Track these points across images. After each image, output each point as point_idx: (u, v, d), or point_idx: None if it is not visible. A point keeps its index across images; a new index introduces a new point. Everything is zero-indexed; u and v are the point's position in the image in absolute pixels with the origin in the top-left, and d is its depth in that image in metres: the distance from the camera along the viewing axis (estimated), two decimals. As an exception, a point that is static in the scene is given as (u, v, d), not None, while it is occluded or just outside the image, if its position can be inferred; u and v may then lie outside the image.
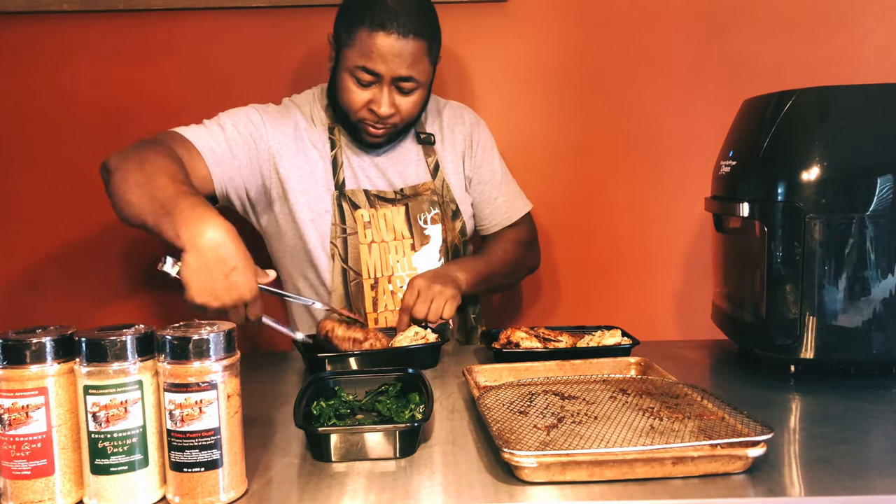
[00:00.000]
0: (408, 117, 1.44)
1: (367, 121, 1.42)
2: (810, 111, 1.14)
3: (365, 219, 1.46)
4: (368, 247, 1.46)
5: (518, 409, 0.96)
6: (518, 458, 0.77)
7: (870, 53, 1.79)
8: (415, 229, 1.49)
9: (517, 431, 0.87)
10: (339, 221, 1.45)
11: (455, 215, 1.54)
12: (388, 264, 1.48)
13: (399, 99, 1.40)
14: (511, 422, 0.91)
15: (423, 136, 1.54)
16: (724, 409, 0.90)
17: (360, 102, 1.40)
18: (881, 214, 1.08)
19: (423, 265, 1.50)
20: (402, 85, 1.39)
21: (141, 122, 1.82)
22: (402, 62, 1.35)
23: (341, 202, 1.46)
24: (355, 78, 1.38)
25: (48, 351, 0.75)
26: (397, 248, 1.48)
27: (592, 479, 0.78)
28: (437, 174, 1.53)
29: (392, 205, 1.48)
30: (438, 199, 1.51)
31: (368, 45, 1.34)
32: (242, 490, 0.78)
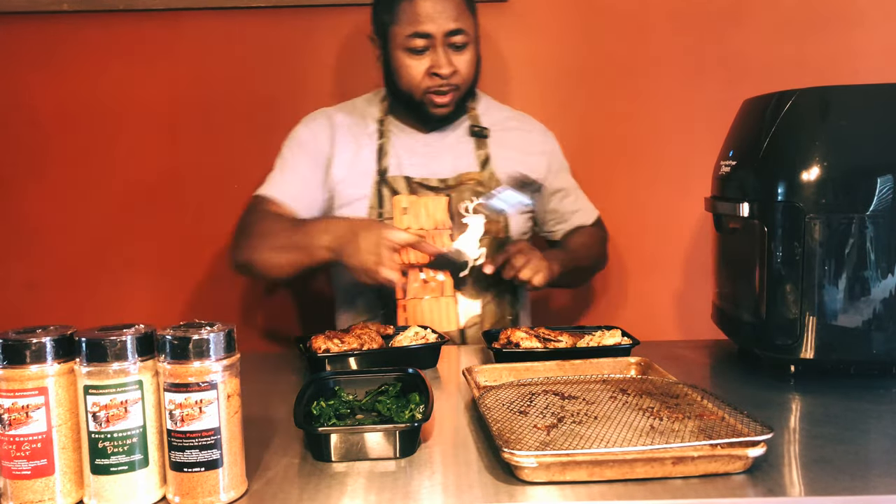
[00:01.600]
0: (467, 77, 1.48)
1: (431, 88, 1.46)
2: (810, 111, 1.14)
3: (403, 204, 1.48)
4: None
5: (518, 409, 0.96)
6: (518, 458, 0.77)
7: (870, 53, 1.79)
8: (455, 219, 1.50)
9: (517, 431, 0.87)
10: (376, 206, 1.49)
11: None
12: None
13: (455, 58, 1.45)
14: (511, 422, 0.91)
15: (476, 129, 1.56)
16: (724, 409, 0.90)
17: (421, 72, 1.45)
18: (881, 214, 1.08)
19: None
20: (454, 40, 1.43)
21: (141, 122, 1.82)
22: (448, 16, 1.41)
23: (381, 187, 1.49)
24: (409, 50, 1.44)
25: (48, 351, 0.75)
26: (435, 237, 1.49)
27: (592, 479, 0.78)
28: (486, 166, 1.54)
29: (435, 193, 1.50)
30: (484, 190, 1.52)
31: (413, 11, 1.41)
32: (242, 490, 0.78)
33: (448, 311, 1.50)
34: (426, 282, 1.49)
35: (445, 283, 1.49)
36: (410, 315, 1.49)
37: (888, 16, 1.78)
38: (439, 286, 1.49)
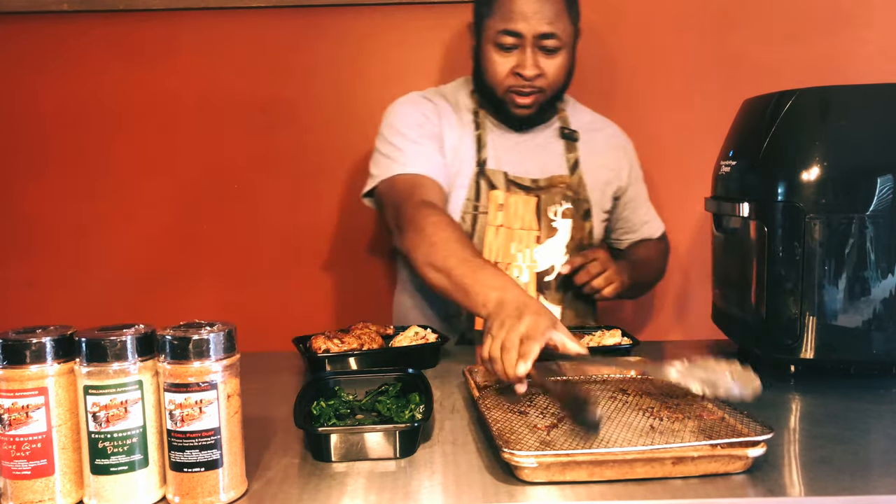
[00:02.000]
0: (554, 81, 1.44)
1: (513, 88, 1.42)
2: (810, 111, 1.14)
3: (499, 200, 1.46)
4: (496, 229, 1.46)
5: (518, 410, 0.96)
6: (518, 459, 0.77)
7: (870, 53, 1.79)
8: (543, 221, 1.47)
9: (517, 431, 0.87)
10: (473, 198, 1.46)
11: (586, 215, 1.52)
12: (509, 251, 1.46)
13: (544, 61, 1.41)
14: (511, 422, 0.91)
15: (567, 132, 1.54)
16: (724, 409, 0.90)
17: (506, 70, 1.41)
18: (881, 214, 1.08)
19: (545, 259, 1.48)
20: (546, 43, 1.39)
21: (141, 122, 1.82)
22: (542, 18, 1.37)
23: (479, 180, 1.46)
24: (498, 45, 1.40)
25: (48, 351, 0.75)
26: (522, 237, 1.46)
27: (593, 479, 0.78)
28: (575, 171, 1.52)
29: (526, 193, 1.47)
30: (573, 194, 1.50)
31: (508, 6, 1.37)
32: (242, 490, 0.78)
33: None
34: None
35: (529, 285, 1.47)
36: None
37: (888, 16, 1.78)
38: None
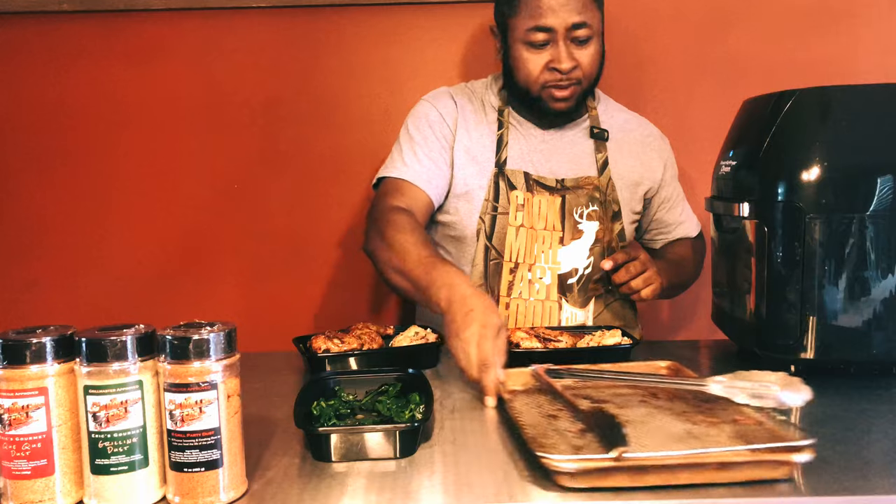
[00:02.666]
0: (589, 71, 1.43)
1: (549, 83, 1.41)
2: (810, 111, 1.14)
3: (519, 201, 1.45)
4: (517, 230, 1.45)
5: (549, 413, 0.94)
6: (558, 464, 0.75)
7: (870, 53, 1.79)
8: (567, 222, 1.46)
9: (551, 436, 0.85)
10: (492, 198, 1.45)
11: (615, 217, 1.50)
12: (532, 252, 1.45)
13: (577, 52, 1.40)
14: (543, 426, 0.89)
15: (596, 131, 1.51)
16: (760, 413, 0.88)
17: (540, 67, 1.40)
18: (881, 214, 1.08)
19: (568, 260, 1.46)
20: (577, 34, 1.38)
21: (141, 122, 1.82)
22: (571, 9, 1.36)
23: (498, 180, 1.45)
24: (529, 43, 1.39)
25: (48, 351, 0.75)
26: (545, 238, 1.45)
27: (634, 485, 0.76)
28: (604, 171, 1.49)
29: (550, 193, 1.46)
30: (601, 196, 1.48)
31: (535, 3, 1.37)
32: (242, 490, 0.78)
33: (551, 316, 1.47)
34: (532, 283, 1.46)
35: (551, 287, 1.46)
36: (512, 314, 1.46)
37: (888, 16, 1.78)
38: (545, 289, 1.46)
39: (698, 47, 1.81)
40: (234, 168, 1.83)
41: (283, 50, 1.80)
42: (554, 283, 1.46)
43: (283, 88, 1.82)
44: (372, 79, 1.82)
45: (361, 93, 1.82)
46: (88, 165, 1.83)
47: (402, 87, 1.81)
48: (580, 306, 1.48)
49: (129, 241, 1.85)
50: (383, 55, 1.81)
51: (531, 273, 1.45)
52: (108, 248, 1.85)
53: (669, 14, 1.80)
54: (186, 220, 1.85)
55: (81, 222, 1.84)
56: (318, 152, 1.83)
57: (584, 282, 1.47)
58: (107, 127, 1.82)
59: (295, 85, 1.82)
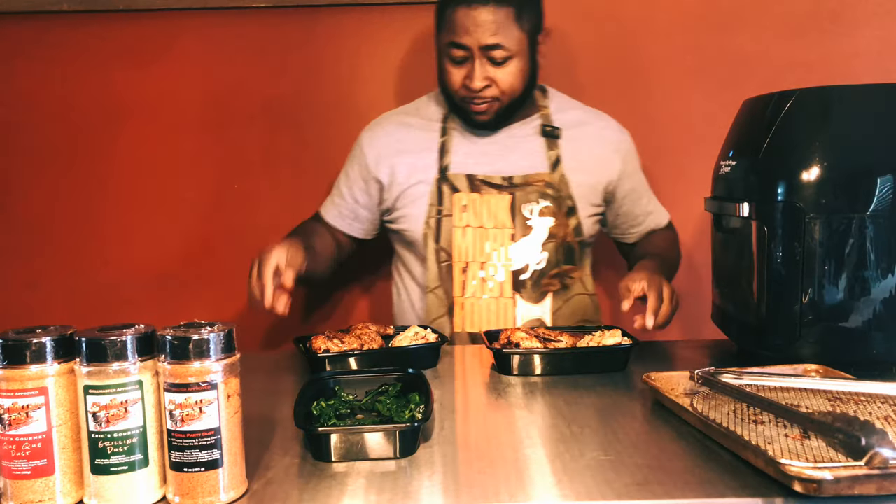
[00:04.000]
0: (508, 89, 1.45)
1: (466, 99, 1.46)
2: (810, 111, 1.14)
3: (462, 202, 1.48)
4: (463, 230, 1.48)
5: (750, 419, 0.89)
6: (811, 472, 0.71)
7: (870, 53, 1.79)
8: (518, 219, 1.48)
9: (776, 440, 0.82)
10: (436, 203, 1.49)
11: (570, 212, 1.51)
12: (483, 250, 1.48)
13: (493, 71, 1.43)
14: (755, 432, 0.84)
15: (548, 129, 1.53)
16: None
17: (458, 80, 1.46)
18: (881, 214, 1.08)
19: (520, 257, 1.49)
20: (493, 55, 1.41)
21: (141, 122, 1.82)
22: (485, 30, 1.39)
23: (441, 185, 1.49)
24: (450, 58, 1.45)
25: (48, 351, 0.75)
26: (496, 236, 1.48)
27: (881, 493, 0.72)
28: (556, 167, 1.51)
29: (498, 191, 1.48)
30: (553, 192, 1.49)
31: (454, 20, 1.41)
32: (242, 490, 0.78)
33: (506, 313, 1.49)
34: (485, 281, 1.48)
35: (505, 284, 1.48)
36: (468, 314, 1.48)
37: (888, 16, 1.78)
38: (498, 286, 1.48)
39: (698, 47, 1.81)
40: (234, 168, 1.83)
41: (283, 50, 1.80)
42: (508, 279, 1.48)
43: (283, 88, 1.82)
44: (372, 79, 1.82)
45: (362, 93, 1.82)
46: (88, 165, 1.83)
47: (403, 87, 1.81)
48: (535, 301, 1.50)
49: (129, 241, 1.85)
50: (384, 55, 1.81)
51: (484, 271, 1.48)
52: (108, 247, 1.85)
53: (669, 14, 1.80)
54: (186, 219, 1.85)
55: (81, 222, 1.84)
56: (318, 152, 1.83)
57: (538, 277, 1.49)
58: (107, 127, 1.82)
59: (295, 85, 1.82)
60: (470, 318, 1.48)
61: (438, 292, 1.50)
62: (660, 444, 0.89)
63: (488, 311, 1.48)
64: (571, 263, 1.51)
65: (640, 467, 0.82)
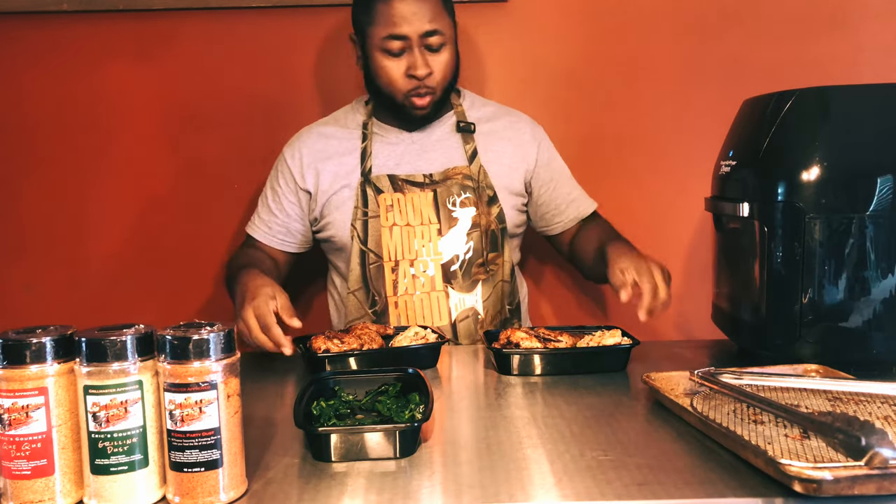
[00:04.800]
0: (443, 78, 1.49)
1: (412, 91, 1.47)
2: (810, 111, 1.14)
3: (387, 202, 1.50)
4: (390, 230, 1.50)
5: (750, 419, 0.90)
6: (811, 472, 0.71)
7: (870, 53, 1.79)
8: (442, 213, 1.51)
9: (776, 440, 0.82)
10: (361, 205, 1.51)
11: (492, 201, 1.54)
12: (412, 248, 1.50)
13: (432, 59, 1.46)
14: (755, 432, 0.84)
15: (462, 125, 1.57)
16: None
17: (399, 73, 1.47)
18: (881, 214, 1.08)
19: (448, 249, 1.51)
20: (431, 41, 1.45)
21: (141, 122, 1.82)
22: (423, 17, 1.42)
23: (365, 188, 1.51)
24: (386, 51, 1.45)
25: (48, 351, 0.75)
26: (423, 232, 1.50)
27: (880, 493, 0.72)
28: (474, 160, 1.55)
29: (420, 189, 1.51)
30: (473, 183, 1.53)
31: (388, 13, 1.42)
32: (242, 490, 0.78)
33: (440, 306, 1.51)
34: (416, 277, 1.50)
35: (436, 278, 1.50)
36: (402, 311, 1.50)
37: (888, 16, 1.78)
38: (429, 281, 1.50)
39: (698, 47, 1.81)
40: (234, 168, 1.83)
41: (283, 50, 1.80)
42: (438, 273, 1.50)
43: (283, 88, 1.82)
44: (372, 79, 1.82)
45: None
46: (88, 165, 1.83)
47: (402, 87, 1.81)
48: (467, 291, 1.52)
49: (129, 241, 1.85)
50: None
51: (413, 268, 1.50)
52: (108, 247, 1.85)
53: (669, 14, 1.80)
54: (186, 219, 1.85)
55: (81, 222, 1.84)
56: (318, 152, 1.83)
57: (467, 266, 1.52)
58: (107, 127, 1.82)
59: (295, 85, 1.82)
60: (405, 316, 1.50)
61: (359, 294, 1.52)
62: (660, 444, 0.89)
63: (422, 307, 1.50)
64: (496, 251, 1.54)
65: (640, 467, 0.82)
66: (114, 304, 1.85)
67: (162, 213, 1.85)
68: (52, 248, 1.85)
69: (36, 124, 1.81)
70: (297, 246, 1.62)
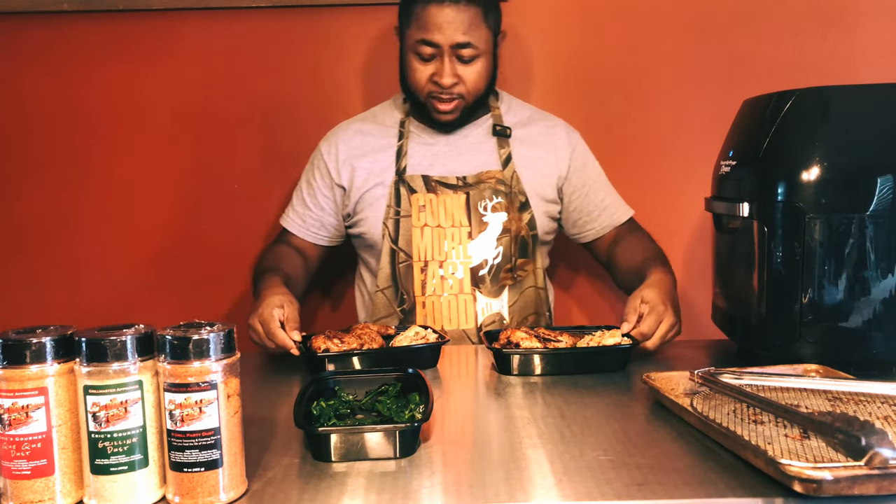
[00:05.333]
0: (473, 88, 1.49)
1: (433, 95, 1.49)
2: (810, 111, 1.14)
3: (420, 203, 1.51)
4: (421, 230, 1.50)
5: (750, 419, 0.89)
6: (811, 472, 0.71)
7: (870, 53, 1.79)
8: (473, 217, 1.51)
9: (776, 440, 0.82)
10: (393, 204, 1.51)
11: (523, 207, 1.54)
12: (441, 249, 1.50)
13: (461, 69, 1.47)
14: (755, 432, 0.84)
15: (498, 129, 1.57)
16: None
17: (425, 77, 1.48)
18: (881, 214, 1.08)
19: (478, 253, 1.51)
20: (462, 53, 1.45)
21: (141, 122, 1.82)
22: (457, 29, 1.42)
23: (399, 186, 1.52)
24: (417, 54, 1.47)
25: (48, 351, 0.75)
26: (454, 234, 1.50)
27: (880, 493, 0.71)
28: (507, 165, 1.54)
29: (453, 191, 1.51)
30: (505, 188, 1.52)
31: (424, 17, 1.43)
32: (242, 490, 0.78)
33: (466, 309, 1.50)
34: (444, 279, 1.50)
35: (464, 281, 1.50)
36: (429, 312, 1.50)
37: (888, 16, 1.78)
38: (458, 283, 1.50)
39: (698, 47, 1.81)
40: (233, 168, 1.83)
41: (283, 50, 1.80)
42: (466, 276, 1.51)
43: (283, 88, 1.82)
44: (372, 79, 1.82)
45: (362, 93, 1.82)
46: (88, 165, 1.83)
47: (402, 87, 1.81)
48: (494, 296, 1.52)
49: (129, 241, 1.85)
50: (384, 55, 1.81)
51: (443, 269, 1.50)
52: (108, 248, 1.85)
53: (670, 14, 1.80)
54: (186, 219, 1.85)
55: (81, 222, 1.84)
56: (318, 152, 1.83)
57: (496, 271, 1.52)
58: (107, 126, 1.82)
59: (295, 85, 1.82)
60: (431, 316, 1.50)
61: (388, 292, 1.52)
62: (660, 444, 0.89)
63: (449, 308, 1.50)
64: (525, 257, 1.54)
65: (640, 467, 0.82)
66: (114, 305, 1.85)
67: (161, 212, 1.85)
68: (52, 249, 1.85)
69: (36, 124, 1.81)
70: (330, 239, 1.63)
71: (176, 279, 1.86)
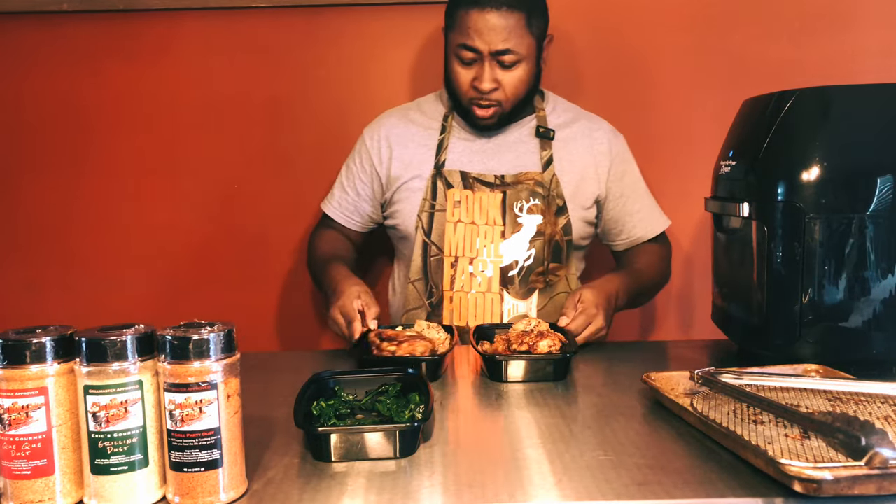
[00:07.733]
0: (513, 94, 1.48)
1: (474, 100, 1.49)
2: (810, 111, 1.14)
3: (456, 198, 1.51)
4: (454, 225, 1.50)
5: (750, 419, 0.89)
6: (811, 472, 0.71)
7: (870, 53, 1.79)
8: (508, 217, 1.50)
9: (776, 440, 0.82)
10: (429, 197, 1.51)
11: (560, 211, 1.52)
12: (473, 246, 1.50)
13: (502, 74, 1.46)
14: (755, 432, 0.84)
15: (542, 130, 1.55)
16: None
17: (466, 82, 1.48)
18: (881, 214, 1.08)
19: (509, 253, 1.51)
20: (503, 59, 1.44)
21: (141, 122, 1.82)
22: (497, 36, 1.41)
23: (436, 180, 1.52)
24: (459, 58, 1.47)
25: (48, 351, 0.75)
26: (487, 232, 1.50)
27: (881, 493, 0.72)
28: (548, 167, 1.53)
29: (490, 190, 1.51)
30: (543, 191, 1.51)
31: (466, 22, 1.42)
32: (242, 490, 0.78)
33: (493, 308, 1.50)
34: (473, 276, 1.50)
35: (493, 280, 1.50)
36: (455, 307, 1.50)
37: (887, 16, 1.78)
38: (486, 281, 1.50)
39: (698, 47, 1.81)
40: (233, 168, 1.83)
41: (283, 50, 1.80)
42: (496, 275, 1.50)
43: (283, 88, 1.82)
44: (373, 79, 1.82)
45: (362, 93, 1.82)
46: (88, 165, 1.83)
47: (403, 87, 1.81)
48: (521, 298, 1.51)
49: (129, 241, 1.85)
50: (383, 55, 1.81)
51: (472, 266, 1.50)
52: (108, 248, 1.85)
53: (670, 14, 1.80)
54: (186, 219, 1.85)
55: (81, 222, 1.84)
56: (317, 152, 1.83)
57: (525, 273, 1.51)
58: (106, 127, 1.82)
59: (295, 85, 1.82)
60: (458, 312, 1.50)
61: (418, 285, 1.53)
62: (660, 444, 0.89)
63: (475, 306, 1.50)
64: (558, 262, 1.52)
65: (640, 467, 0.82)
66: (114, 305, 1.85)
67: (161, 212, 1.85)
68: (52, 248, 1.85)
69: (36, 124, 1.81)
70: (362, 226, 1.65)
71: (175, 278, 1.86)
